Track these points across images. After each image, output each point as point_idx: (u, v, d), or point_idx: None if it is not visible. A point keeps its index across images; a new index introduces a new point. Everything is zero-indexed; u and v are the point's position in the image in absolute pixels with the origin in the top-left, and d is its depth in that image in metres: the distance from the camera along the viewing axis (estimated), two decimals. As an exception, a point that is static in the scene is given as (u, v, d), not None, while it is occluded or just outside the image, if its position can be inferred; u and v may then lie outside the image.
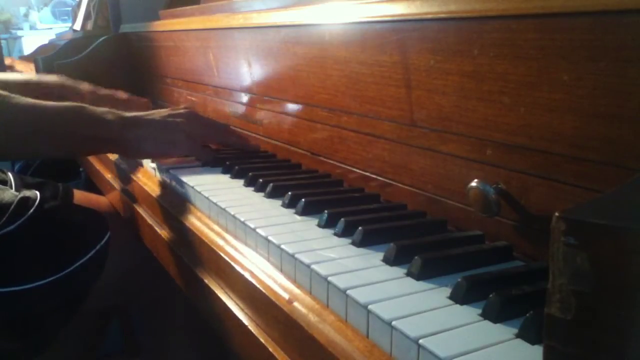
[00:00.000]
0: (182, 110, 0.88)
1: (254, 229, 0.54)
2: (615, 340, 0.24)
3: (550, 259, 0.25)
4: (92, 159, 1.18)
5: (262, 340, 0.48)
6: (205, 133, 0.88)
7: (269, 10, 0.83)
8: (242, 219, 0.57)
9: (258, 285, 0.49)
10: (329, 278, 0.43)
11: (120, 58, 1.49)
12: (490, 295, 0.37)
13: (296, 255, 0.48)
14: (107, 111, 0.81)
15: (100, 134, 0.80)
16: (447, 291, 0.41)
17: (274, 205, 0.62)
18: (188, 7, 1.25)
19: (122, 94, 1.08)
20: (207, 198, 0.65)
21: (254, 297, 0.50)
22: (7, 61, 2.47)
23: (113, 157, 1.02)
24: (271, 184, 0.66)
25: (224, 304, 0.54)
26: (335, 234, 0.53)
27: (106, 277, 0.84)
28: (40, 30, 4.71)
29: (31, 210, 0.77)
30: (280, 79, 0.82)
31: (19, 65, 2.43)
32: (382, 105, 0.62)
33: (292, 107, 0.80)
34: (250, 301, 0.51)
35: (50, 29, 4.58)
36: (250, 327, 0.50)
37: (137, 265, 0.91)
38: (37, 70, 1.65)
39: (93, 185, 1.20)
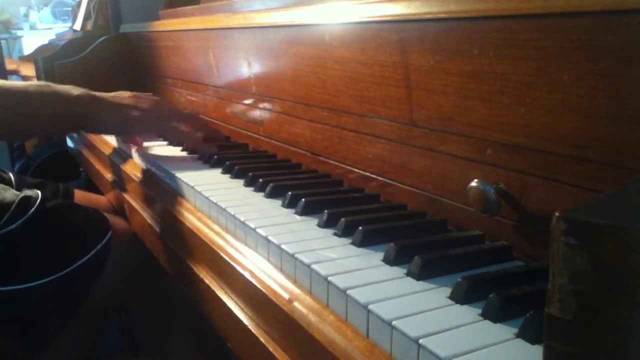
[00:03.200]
0: (150, 97, 0.93)
1: (254, 229, 0.55)
2: (615, 340, 0.24)
3: (550, 259, 0.25)
4: (92, 159, 1.18)
5: (262, 340, 0.48)
6: (170, 116, 0.92)
7: (269, 10, 0.83)
8: (242, 219, 0.57)
9: (258, 285, 0.49)
10: (329, 278, 0.43)
11: (120, 58, 1.49)
12: (490, 295, 0.37)
13: (296, 255, 0.48)
14: (72, 87, 0.85)
15: (65, 109, 0.84)
16: (447, 291, 0.41)
17: (274, 205, 0.62)
18: (188, 7, 1.25)
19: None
20: (207, 198, 0.65)
21: (254, 297, 0.50)
22: (13, 66, 2.46)
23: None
24: (271, 184, 0.66)
25: (224, 303, 0.54)
26: (335, 234, 0.53)
27: (106, 276, 0.84)
28: (40, 30, 4.70)
29: (32, 210, 0.77)
30: (280, 79, 0.82)
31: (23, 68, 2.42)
32: (382, 105, 0.62)
33: (292, 107, 0.80)
34: (250, 301, 0.51)
35: (50, 29, 4.58)
36: (250, 327, 0.50)
37: (137, 265, 0.91)
38: (37, 70, 1.65)
39: (93, 185, 1.20)
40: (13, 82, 0.84)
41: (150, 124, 0.89)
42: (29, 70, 2.28)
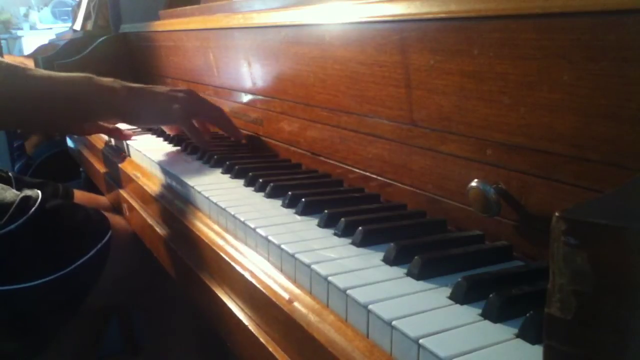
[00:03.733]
0: (182, 88, 0.96)
1: (254, 229, 0.55)
2: (615, 340, 0.24)
3: (550, 259, 0.25)
4: (91, 159, 1.18)
5: (262, 340, 0.48)
6: (201, 111, 0.94)
7: (269, 10, 0.83)
8: (242, 219, 0.57)
9: (258, 285, 0.49)
10: (329, 278, 0.43)
11: (120, 58, 1.49)
12: (490, 295, 0.37)
13: (296, 255, 0.48)
14: (114, 80, 0.90)
15: (108, 102, 0.88)
16: (447, 291, 0.41)
17: (274, 205, 0.62)
18: (188, 7, 1.25)
19: None
20: (207, 198, 0.65)
21: (254, 297, 0.50)
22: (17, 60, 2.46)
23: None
24: (271, 184, 0.66)
25: (224, 303, 0.54)
26: (335, 234, 0.53)
27: (106, 277, 0.84)
28: (40, 30, 4.71)
29: (32, 210, 0.77)
30: (280, 79, 0.82)
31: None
32: (382, 105, 0.62)
33: (292, 107, 0.80)
34: (250, 301, 0.51)
35: (50, 29, 4.58)
36: (250, 327, 0.50)
37: (137, 265, 0.91)
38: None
39: (93, 185, 1.20)
40: (58, 73, 0.88)
41: (187, 120, 0.92)
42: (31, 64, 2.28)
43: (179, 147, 0.95)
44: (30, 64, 2.19)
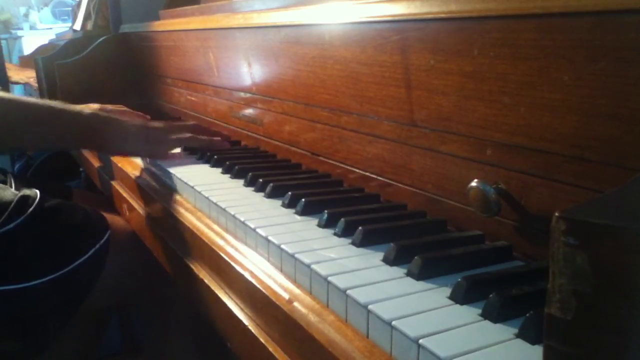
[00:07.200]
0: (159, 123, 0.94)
1: (253, 229, 0.55)
2: (615, 340, 0.24)
3: (550, 259, 0.25)
4: (91, 159, 1.18)
5: (262, 340, 0.48)
6: (177, 129, 0.93)
7: (269, 10, 0.83)
8: (242, 219, 0.57)
9: (258, 285, 0.49)
10: (329, 278, 0.43)
11: (120, 58, 1.49)
12: (490, 295, 0.37)
13: (296, 255, 0.48)
14: (85, 106, 0.88)
15: (76, 129, 0.86)
16: (447, 291, 0.41)
17: (274, 205, 0.62)
18: (188, 7, 1.25)
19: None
20: (207, 198, 0.65)
21: (254, 297, 0.50)
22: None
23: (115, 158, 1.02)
24: (271, 184, 0.66)
25: (224, 303, 0.54)
26: (335, 234, 0.53)
27: (106, 276, 0.84)
28: (40, 30, 4.71)
29: (31, 209, 0.77)
30: (280, 79, 0.82)
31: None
32: (382, 105, 0.62)
33: (292, 107, 0.80)
34: (250, 301, 0.51)
35: (50, 29, 4.58)
36: (250, 327, 0.50)
37: (137, 265, 0.91)
38: (38, 70, 1.65)
39: (93, 185, 1.20)
40: (25, 97, 0.88)
41: (168, 142, 0.90)
42: (19, 74, 2.29)
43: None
44: (29, 64, 2.19)
